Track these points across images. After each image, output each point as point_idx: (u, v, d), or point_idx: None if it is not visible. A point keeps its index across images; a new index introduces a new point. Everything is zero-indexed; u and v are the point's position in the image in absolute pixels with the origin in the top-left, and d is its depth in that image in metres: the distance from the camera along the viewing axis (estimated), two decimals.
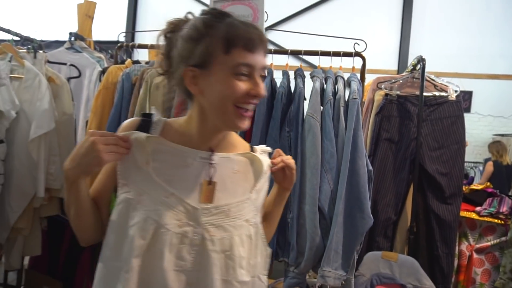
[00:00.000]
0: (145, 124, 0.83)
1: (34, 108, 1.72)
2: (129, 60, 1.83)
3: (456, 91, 2.15)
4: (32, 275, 2.21)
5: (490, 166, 4.46)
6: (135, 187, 0.77)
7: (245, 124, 0.78)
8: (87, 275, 2.27)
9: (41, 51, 1.86)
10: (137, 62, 1.86)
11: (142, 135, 0.79)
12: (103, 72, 1.80)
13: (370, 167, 1.52)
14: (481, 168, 5.13)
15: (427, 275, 1.94)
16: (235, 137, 0.90)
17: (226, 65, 0.74)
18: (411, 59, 2.26)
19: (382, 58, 5.86)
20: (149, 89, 1.61)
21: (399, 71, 5.75)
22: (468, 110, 5.98)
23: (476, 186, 2.31)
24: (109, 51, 2.71)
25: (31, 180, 1.74)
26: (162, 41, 0.82)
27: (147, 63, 1.86)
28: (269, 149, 0.92)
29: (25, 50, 1.86)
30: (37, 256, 2.16)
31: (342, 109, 1.48)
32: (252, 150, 0.90)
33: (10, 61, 1.70)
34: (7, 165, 1.70)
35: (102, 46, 2.65)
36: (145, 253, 0.74)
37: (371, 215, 1.46)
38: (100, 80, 1.85)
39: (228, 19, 0.76)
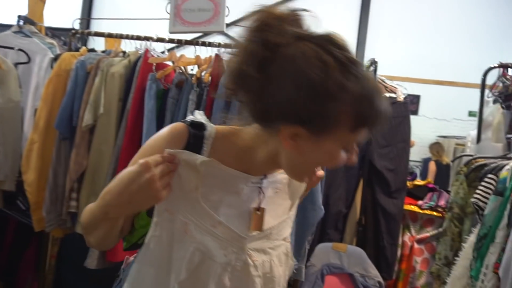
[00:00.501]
0: (196, 139, 0.69)
1: None
2: (84, 48, 1.76)
3: (404, 94, 2.30)
4: None
5: (433, 166, 4.81)
6: (181, 216, 0.68)
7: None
8: (31, 273, 2.16)
9: None
10: (93, 50, 1.80)
11: (194, 158, 0.66)
12: (55, 59, 1.73)
13: None
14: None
15: (373, 264, 2.08)
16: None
17: (344, 140, 0.62)
18: (367, 62, 2.39)
19: None
20: (105, 79, 1.58)
21: None
22: (416, 112, 6.37)
23: (418, 182, 2.49)
24: (62, 38, 2.58)
25: None
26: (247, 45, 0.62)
27: (103, 51, 1.81)
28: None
29: None
30: None
31: None
32: None
33: None
34: None
35: (54, 32, 2.52)
36: (187, 283, 0.68)
37: (322, 207, 1.54)
38: (52, 68, 1.77)
39: (363, 83, 0.60)
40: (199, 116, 0.72)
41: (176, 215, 0.68)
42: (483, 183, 1.35)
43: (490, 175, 1.34)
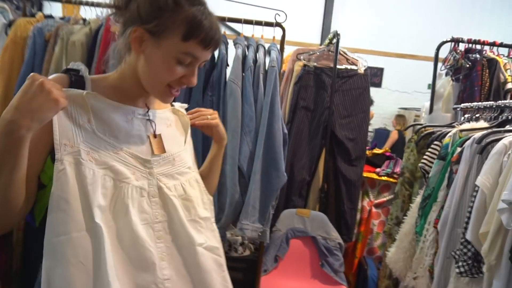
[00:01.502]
0: (77, 80, 0.77)
1: None
2: (40, 13, 1.69)
3: (364, 66, 2.38)
4: None
5: (395, 134, 5.07)
6: (82, 146, 0.73)
7: (170, 100, 0.85)
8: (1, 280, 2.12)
9: None
10: (50, 16, 1.73)
11: (79, 91, 0.75)
12: (9, 25, 1.65)
13: (285, 131, 1.67)
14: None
15: (335, 227, 2.22)
16: None
17: (176, 49, 0.75)
18: (330, 35, 2.44)
19: (306, 32, 6.12)
20: (66, 47, 1.54)
21: (321, 45, 6.07)
22: (379, 85, 6.58)
23: (377, 150, 2.64)
24: (14, 2, 2.43)
25: None
26: None
27: (62, 18, 1.74)
28: (185, 105, 0.97)
29: None
30: None
31: (261, 76, 1.58)
32: (173, 106, 0.95)
33: None
34: None
35: None
36: (110, 213, 0.73)
37: (285, 174, 1.62)
38: (6, 34, 1.68)
39: (199, 7, 0.76)
40: (77, 66, 0.80)
41: (77, 146, 0.72)
42: (429, 149, 1.48)
43: (436, 142, 1.47)
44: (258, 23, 1.76)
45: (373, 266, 2.30)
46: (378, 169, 2.49)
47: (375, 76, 6.55)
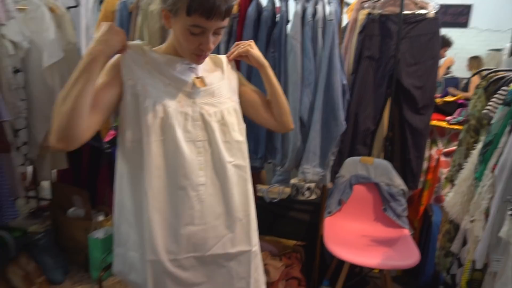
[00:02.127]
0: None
1: (42, 38, 1.88)
2: None
3: (435, 8, 2.24)
4: (60, 187, 2.57)
5: (476, 79, 4.63)
6: (140, 82, 0.98)
7: (201, 61, 1.03)
8: (108, 186, 2.64)
9: None
10: None
11: (139, 43, 1.03)
12: (100, 2, 1.92)
13: (345, 82, 1.74)
14: None
15: (400, 176, 2.27)
16: None
17: (185, 23, 0.93)
18: None
19: None
20: (146, 16, 1.76)
21: None
22: (465, 25, 5.92)
23: (449, 98, 2.54)
24: None
25: (49, 104, 1.97)
26: None
27: None
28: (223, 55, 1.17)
29: None
30: (63, 172, 2.49)
31: (320, 30, 1.64)
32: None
33: None
34: (27, 92, 1.93)
35: None
36: (160, 130, 0.98)
37: (344, 122, 1.71)
38: (98, 9, 1.97)
39: None
40: (138, 41, 1.07)
41: (137, 81, 0.98)
42: (495, 95, 1.44)
43: (503, 87, 1.42)
44: None
45: (438, 213, 2.33)
46: (448, 117, 2.41)
47: (460, 15, 5.88)
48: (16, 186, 1.84)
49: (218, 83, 1.09)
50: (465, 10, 5.88)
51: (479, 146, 1.47)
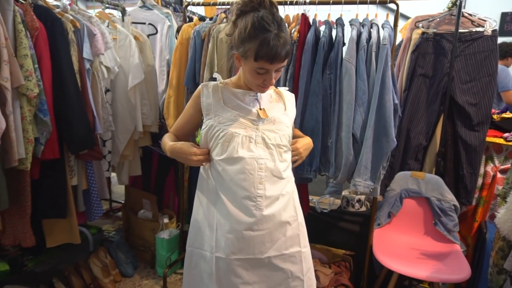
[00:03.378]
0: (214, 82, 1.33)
1: (128, 63, 2.20)
2: (196, 17, 2.20)
3: (493, 27, 2.26)
4: (132, 191, 2.89)
5: None
6: (214, 115, 1.24)
7: (264, 91, 1.26)
8: (173, 192, 2.92)
9: (127, 15, 2.29)
10: (203, 19, 2.23)
11: (215, 82, 1.29)
12: (177, 31, 2.21)
13: (396, 101, 1.84)
14: None
15: (453, 191, 2.28)
16: None
17: (253, 66, 1.16)
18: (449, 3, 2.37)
19: None
20: (216, 44, 2.01)
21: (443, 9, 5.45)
22: None
23: (507, 114, 2.51)
24: (172, 4, 3.08)
25: (130, 119, 2.29)
26: (233, 12, 1.21)
27: (210, 19, 2.23)
28: (286, 88, 1.42)
29: (114, 15, 2.31)
30: (134, 178, 2.81)
31: (373, 54, 1.77)
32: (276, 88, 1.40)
33: (108, 26, 2.16)
34: (113, 108, 2.26)
35: (166, 1, 3.02)
36: (229, 150, 1.22)
37: (395, 139, 1.82)
38: (173, 35, 2.25)
39: (265, 35, 1.11)
40: (216, 75, 1.34)
41: (212, 115, 1.25)
42: None
43: None
44: (372, 2, 1.91)
45: (493, 230, 2.30)
46: (506, 134, 2.39)
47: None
48: (103, 188, 2.16)
49: (279, 113, 1.31)
50: None
51: None
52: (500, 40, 2.77)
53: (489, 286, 2.02)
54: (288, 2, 2.03)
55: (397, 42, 2.45)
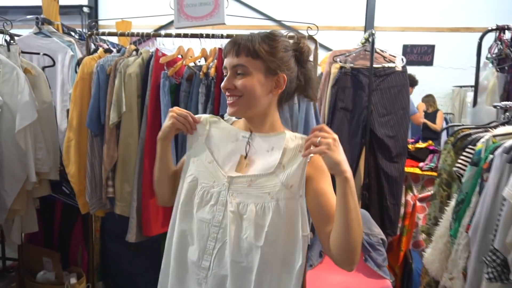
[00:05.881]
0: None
1: (16, 101, 1.84)
2: (101, 49, 1.94)
3: (402, 63, 2.38)
4: (30, 249, 2.43)
5: (441, 115, 5.03)
6: (193, 153, 1.04)
7: (231, 109, 0.95)
8: (81, 245, 2.52)
9: (14, 44, 1.94)
10: (109, 50, 1.98)
11: (206, 115, 1.07)
12: (78, 64, 1.92)
13: None
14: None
15: (378, 224, 2.29)
16: (278, 125, 1.02)
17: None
18: (378, 15, 2.46)
19: (349, 15, 5.99)
20: (124, 79, 1.77)
21: (366, 27, 5.91)
22: (430, 63, 6.28)
23: (420, 144, 2.64)
24: (77, 31, 2.76)
25: (21, 167, 1.90)
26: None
27: (118, 51, 1.99)
28: (304, 136, 0.95)
29: None
30: (32, 233, 2.37)
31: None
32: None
33: None
34: None
35: (70, 27, 2.69)
36: (187, 201, 1.01)
37: None
38: (75, 69, 1.96)
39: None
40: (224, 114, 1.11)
41: (191, 152, 1.05)
42: (464, 153, 1.51)
43: (469, 146, 1.50)
44: (291, 37, 1.85)
45: (418, 260, 2.36)
46: (421, 164, 2.50)
47: (425, 54, 6.26)
48: None
49: (264, 172, 0.94)
50: (429, 50, 6.27)
51: (452, 203, 1.53)
52: None
53: None
54: (205, 35, 1.89)
55: (317, 74, 2.46)
